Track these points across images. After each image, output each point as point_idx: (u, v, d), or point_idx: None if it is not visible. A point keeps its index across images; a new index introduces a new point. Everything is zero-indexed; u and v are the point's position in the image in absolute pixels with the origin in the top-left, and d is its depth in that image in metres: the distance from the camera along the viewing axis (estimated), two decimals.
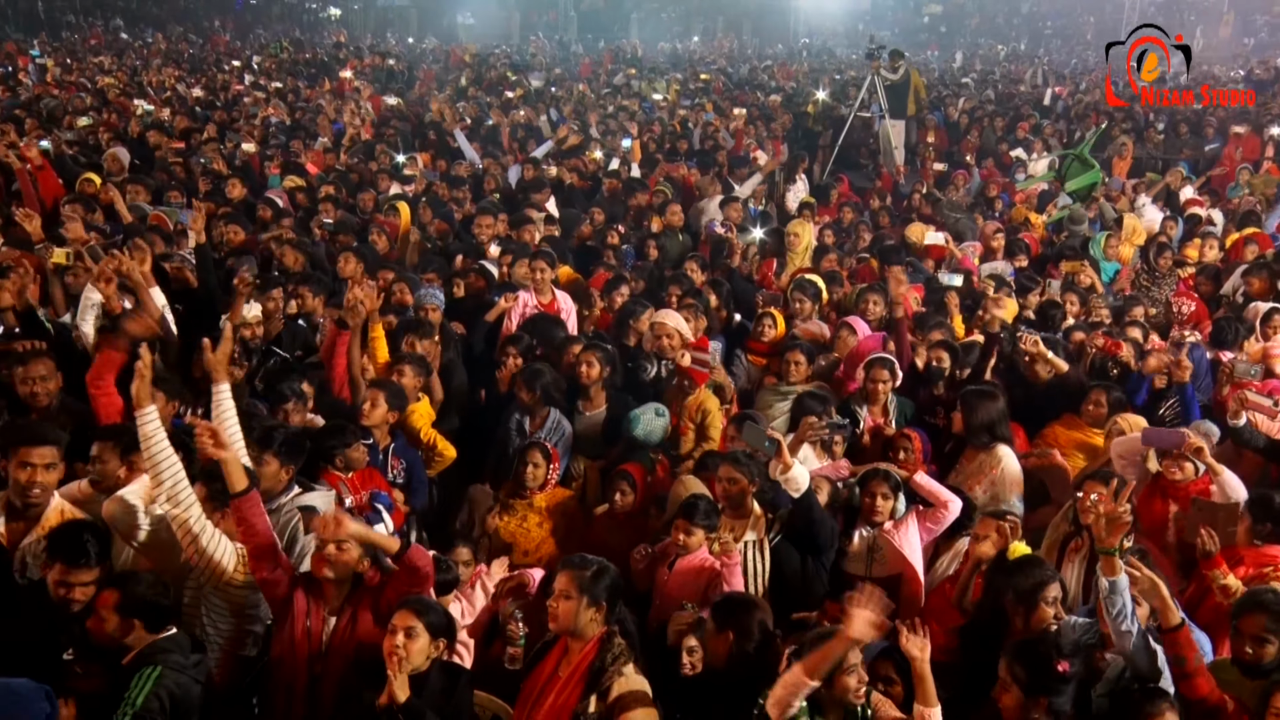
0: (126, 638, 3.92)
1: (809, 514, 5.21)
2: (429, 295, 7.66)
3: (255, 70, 25.36)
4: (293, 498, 5.05)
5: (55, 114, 16.60)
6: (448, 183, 11.78)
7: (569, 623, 4.02)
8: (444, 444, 6.26)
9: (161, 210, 9.74)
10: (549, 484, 5.93)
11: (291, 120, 17.00)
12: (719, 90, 23.53)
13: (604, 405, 6.69)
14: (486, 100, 20.44)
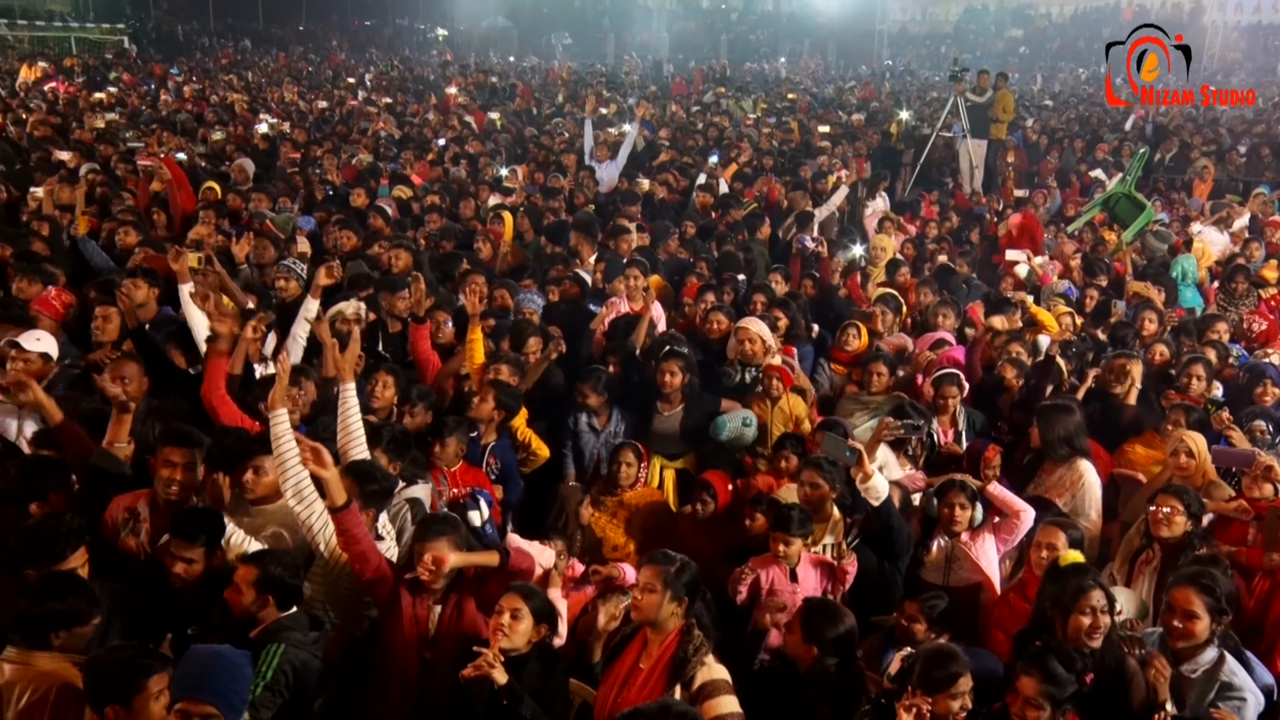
0: (260, 612, 4.01)
1: (887, 520, 5.23)
2: (528, 300, 7.71)
3: (368, 87, 25.86)
4: (399, 490, 5.11)
5: (189, 127, 17.14)
6: (543, 194, 11.84)
7: (651, 614, 4.01)
8: (538, 443, 6.29)
9: (274, 218, 9.96)
10: (639, 482, 5.92)
11: (400, 134, 17.28)
12: (804, 109, 23.33)
13: (681, 407, 6.65)
14: (582, 116, 20.54)
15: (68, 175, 11.35)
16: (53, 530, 4.03)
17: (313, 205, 11.19)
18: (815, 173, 14.08)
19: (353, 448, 4.87)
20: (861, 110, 22.86)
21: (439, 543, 4.20)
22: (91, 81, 25.14)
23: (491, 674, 3.77)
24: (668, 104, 22.88)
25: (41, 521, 4.13)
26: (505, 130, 17.95)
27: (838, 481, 5.35)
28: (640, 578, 4.10)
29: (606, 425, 6.58)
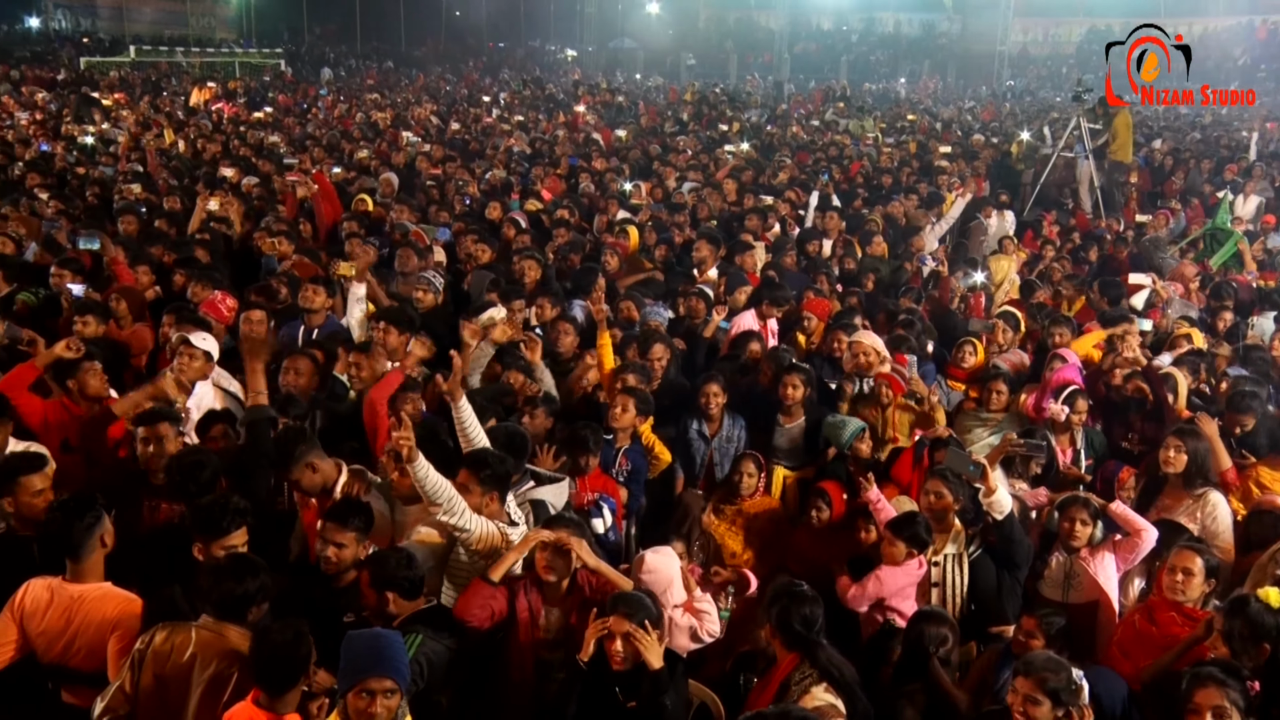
0: (387, 608, 4.12)
1: (1009, 534, 5.16)
2: (654, 312, 7.79)
3: (501, 105, 26.43)
4: (525, 491, 5.18)
5: (336, 144, 17.83)
6: (668, 209, 11.93)
7: (768, 644, 4.17)
8: (661, 448, 6.32)
9: (422, 228, 10.28)
10: (759, 492, 5.93)
11: (531, 149, 17.61)
12: (924, 129, 22.95)
13: (802, 418, 6.64)
14: (705, 134, 20.62)
15: (230, 189, 11.94)
16: (220, 508, 4.25)
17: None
18: (932, 192, 13.81)
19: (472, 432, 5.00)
20: (981, 131, 22.35)
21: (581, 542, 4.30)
22: (252, 102, 26.35)
23: (648, 657, 3.86)
24: (789, 124, 22.75)
25: (212, 499, 4.35)
26: (631, 147, 18.12)
27: (961, 494, 5.28)
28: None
29: (718, 431, 6.56)
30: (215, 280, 7.83)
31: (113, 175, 13.70)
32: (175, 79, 32.11)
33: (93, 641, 4.00)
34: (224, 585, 3.83)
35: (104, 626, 4.00)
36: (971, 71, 43.90)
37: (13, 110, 21.62)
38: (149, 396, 5.62)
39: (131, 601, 4.09)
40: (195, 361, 5.99)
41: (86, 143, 16.70)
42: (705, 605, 4.64)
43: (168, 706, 3.77)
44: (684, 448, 6.62)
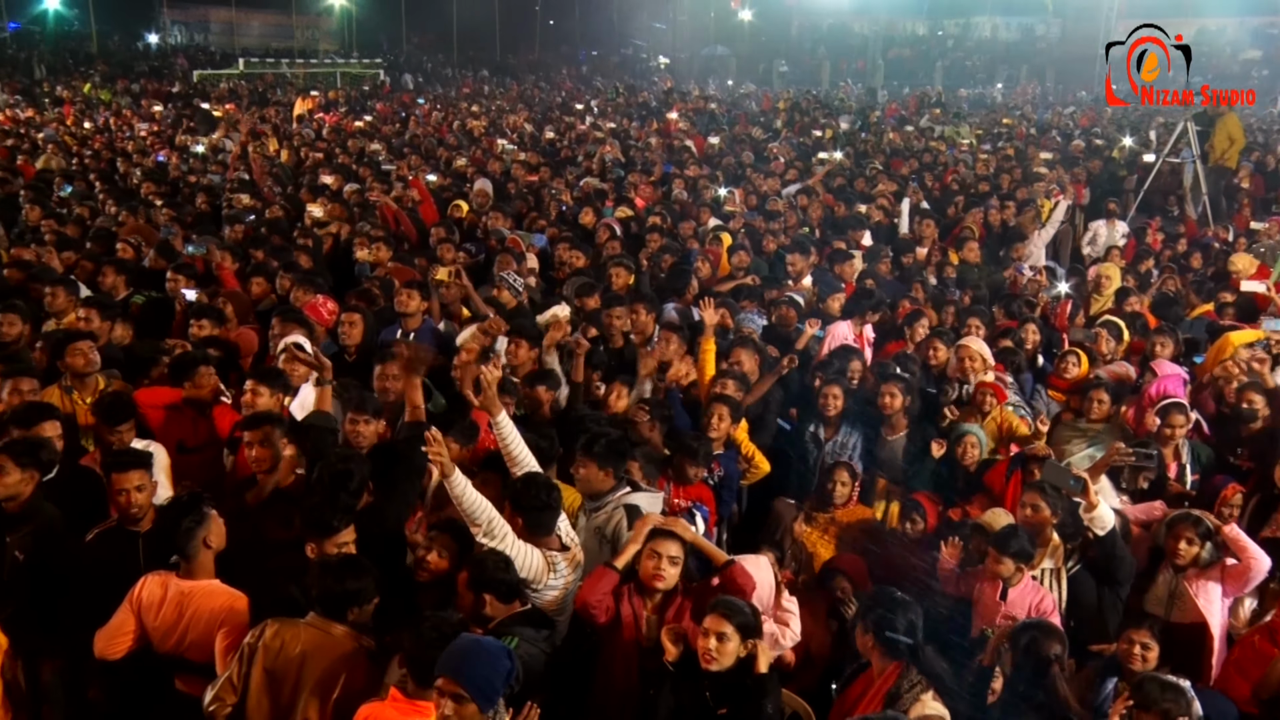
0: (484, 610, 4.17)
1: (1111, 549, 5.03)
2: (748, 319, 7.76)
3: (595, 113, 26.62)
4: (620, 496, 5.13)
5: (433, 151, 18.17)
6: (763, 216, 11.87)
7: (864, 653, 4.12)
8: (760, 458, 6.31)
9: (518, 234, 10.40)
10: (852, 500, 5.87)
11: (625, 157, 17.70)
12: (1021, 135, 22.43)
13: (904, 431, 6.55)
14: (798, 140, 20.48)
15: (332, 196, 12.26)
16: (329, 508, 4.36)
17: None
18: (1028, 198, 13.46)
19: (519, 472, 4.89)
20: (1082, 137, 21.75)
21: (668, 544, 4.30)
22: (352, 111, 27.03)
23: (757, 660, 3.87)
24: (884, 130, 22.45)
25: (321, 499, 4.46)
26: (724, 154, 18.08)
27: (1059, 507, 5.15)
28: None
29: (833, 437, 6.54)
30: (317, 285, 8.05)
31: (220, 183, 14.18)
32: (280, 90, 33.12)
33: (202, 635, 4.17)
34: (326, 582, 3.95)
35: (212, 621, 4.17)
36: (1071, 76, 42.74)
37: (132, 122, 22.54)
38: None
39: (237, 598, 4.24)
40: (301, 366, 6.16)
41: (198, 151, 17.33)
42: (790, 608, 4.61)
43: (278, 701, 3.90)
44: (798, 450, 6.59)
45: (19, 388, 5.71)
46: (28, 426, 5.08)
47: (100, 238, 9.99)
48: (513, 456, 4.59)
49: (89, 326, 6.89)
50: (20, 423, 5.12)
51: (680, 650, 4.05)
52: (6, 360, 6.14)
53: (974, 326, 7.80)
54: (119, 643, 4.22)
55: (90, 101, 27.36)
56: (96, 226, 10.68)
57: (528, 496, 4.57)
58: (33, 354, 6.69)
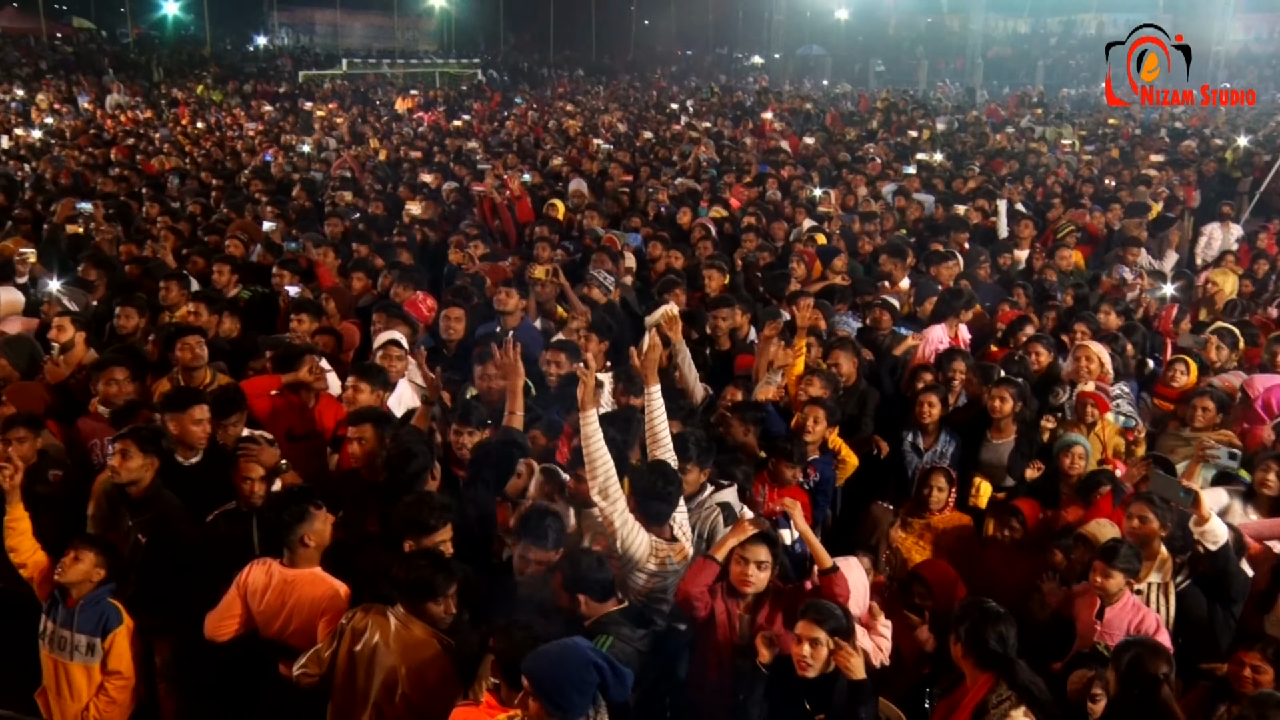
0: (579, 609, 4.19)
1: (1224, 565, 4.82)
2: (843, 321, 7.67)
3: (690, 113, 26.58)
4: (709, 495, 5.18)
5: (529, 150, 18.35)
6: (860, 218, 11.70)
7: (958, 663, 4.03)
8: (848, 451, 6.25)
9: (613, 233, 10.44)
10: (949, 506, 5.75)
11: (720, 157, 17.63)
12: (1127, 136, 21.68)
13: (1012, 436, 6.41)
14: (895, 141, 20.15)
15: (430, 194, 12.47)
16: (426, 506, 4.42)
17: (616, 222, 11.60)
18: (1135, 202, 12.99)
19: (658, 450, 4.91)
20: (1192, 137, 20.94)
21: (757, 549, 4.25)
22: (451, 110, 27.49)
23: (850, 666, 3.82)
24: (984, 131, 21.93)
25: (416, 498, 4.54)
26: (820, 154, 17.89)
27: (1168, 520, 4.97)
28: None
29: (933, 446, 6.44)
30: (416, 281, 8.20)
31: (322, 180, 14.56)
32: (381, 89, 33.85)
33: (305, 623, 4.29)
34: (407, 571, 4.01)
35: (314, 610, 4.29)
36: (1180, 74, 41.08)
37: (242, 122, 23.29)
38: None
39: (339, 588, 4.35)
40: (399, 361, 6.27)
41: (304, 150, 17.81)
42: (884, 631, 4.52)
43: (354, 683, 4.02)
44: (896, 459, 6.52)
45: (114, 377, 5.92)
46: (180, 409, 5.26)
47: (211, 234, 10.35)
48: (591, 456, 4.61)
49: (198, 320, 7.13)
50: (171, 406, 5.31)
51: (773, 654, 4.01)
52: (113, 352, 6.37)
53: (1081, 332, 7.59)
54: (227, 625, 4.38)
55: (203, 102, 28.34)
56: (208, 223, 11.07)
57: (645, 480, 4.63)
58: (146, 346, 6.95)
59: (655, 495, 4.60)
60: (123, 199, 12.22)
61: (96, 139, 19.16)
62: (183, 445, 5.30)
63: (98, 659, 4.45)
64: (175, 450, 5.28)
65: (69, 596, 4.46)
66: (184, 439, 5.28)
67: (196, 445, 5.30)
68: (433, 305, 7.74)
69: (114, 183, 13.41)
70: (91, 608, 4.43)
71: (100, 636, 4.42)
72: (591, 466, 4.55)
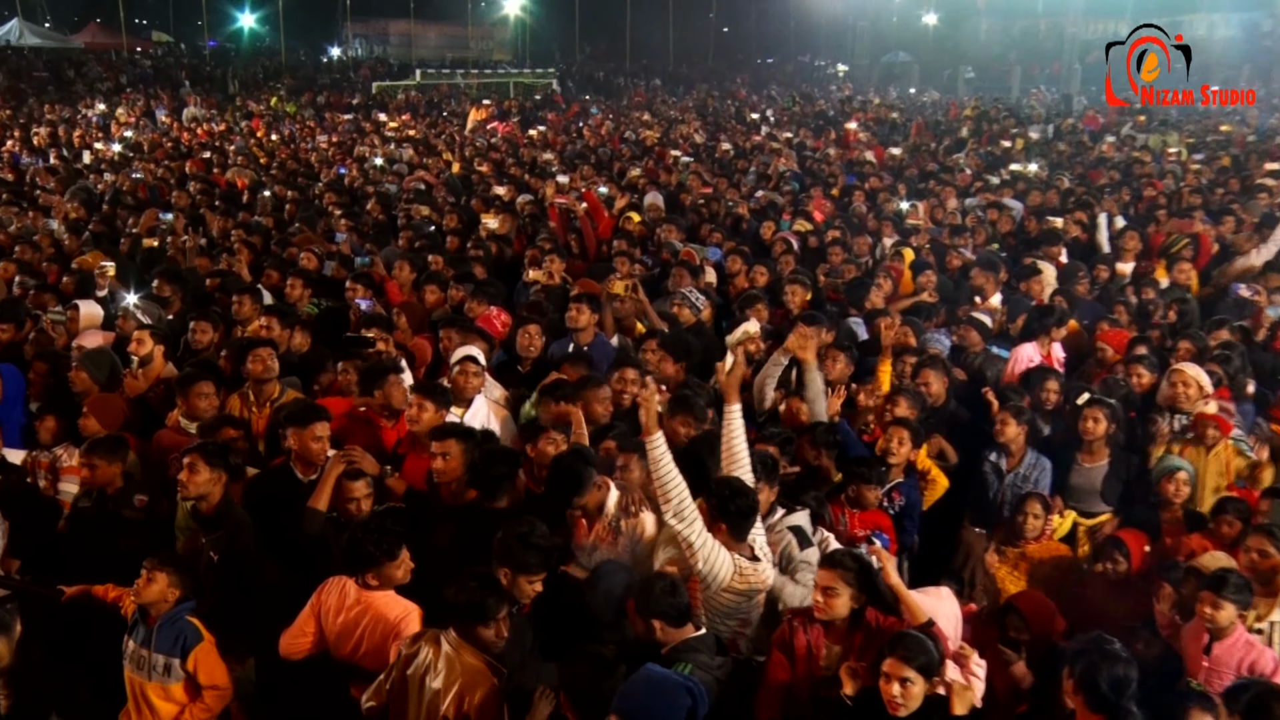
0: (654, 636, 4.17)
1: None
2: (934, 339, 7.57)
3: (771, 123, 26.55)
4: (780, 519, 5.12)
5: (605, 162, 18.49)
6: (949, 231, 11.55)
7: (1069, 701, 3.97)
8: (937, 472, 6.17)
9: (692, 247, 10.45)
10: (1045, 534, 5.62)
11: (802, 169, 17.57)
12: (1240, 143, 21.05)
13: (1105, 460, 6.26)
14: (985, 151, 19.86)
15: (503, 207, 12.63)
16: (523, 544, 4.35)
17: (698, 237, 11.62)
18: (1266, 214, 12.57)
19: (735, 468, 4.90)
20: None
21: (825, 573, 4.23)
22: (525, 121, 27.84)
23: (952, 701, 3.79)
24: (1081, 140, 21.51)
25: (518, 534, 4.41)
26: (907, 166, 17.72)
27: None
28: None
29: (1016, 467, 6.31)
30: (491, 296, 8.29)
31: (396, 193, 14.83)
32: (455, 100, 34.43)
33: (377, 645, 4.35)
34: (458, 593, 4.03)
35: (386, 632, 4.34)
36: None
37: (316, 134, 23.88)
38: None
39: (411, 610, 4.39)
40: (476, 378, 6.35)
41: (377, 163, 18.19)
42: (978, 671, 4.40)
43: (405, 709, 4.05)
44: (978, 481, 6.41)
45: (202, 391, 6.11)
46: (303, 423, 5.41)
47: (285, 247, 10.62)
48: (662, 480, 4.61)
49: (269, 334, 7.29)
50: (294, 421, 5.45)
51: (859, 686, 3.96)
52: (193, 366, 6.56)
53: (1185, 350, 7.38)
54: (299, 644, 4.46)
55: (277, 114, 29.13)
56: (282, 237, 11.36)
57: (721, 496, 4.61)
58: (219, 361, 7.14)
59: (733, 511, 4.58)
60: (199, 212, 12.60)
61: (173, 152, 19.81)
62: (302, 461, 5.43)
63: (175, 679, 4.52)
64: (294, 466, 5.42)
65: (149, 616, 4.56)
66: (304, 455, 5.41)
67: (315, 462, 5.42)
68: (507, 321, 7.82)
69: (189, 196, 13.82)
70: (169, 627, 4.52)
71: (178, 656, 4.50)
72: (663, 490, 4.56)
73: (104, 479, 5.43)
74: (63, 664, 5.27)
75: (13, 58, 36.62)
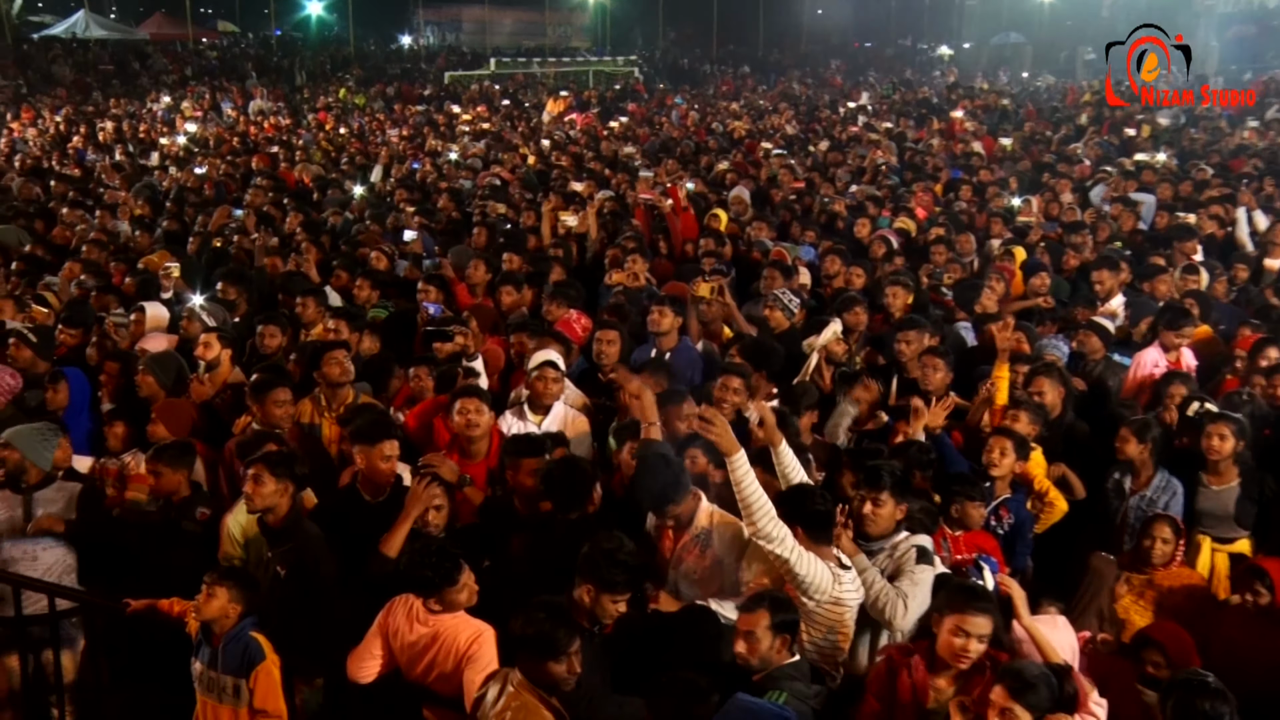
0: (776, 654, 4.15)
1: None
2: (1051, 345, 7.45)
3: (869, 112, 26.32)
4: (904, 539, 5.02)
5: (690, 156, 18.51)
6: (1064, 228, 11.34)
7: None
8: (1056, 494, 6.03)
9: (783, 246, 10.42)
10: (1175, 561, 5.48)
11: (901, 161, 17.39)
12: None
13: (1235, 481, 6.08)
14: (1106, 140, 19.44)
15: (581, 203, 12.72)
16: (610, 563, 4.34)
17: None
18: None
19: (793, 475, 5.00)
20: None
21: (980, 620, 4.15)
22: (605, 113, 28.02)
23: None
24: (1218, 125, 20.89)
25: (606, 551, 4.40)
26: (1019, 157, 17.42)
27: None
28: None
29: (1143, 489, 6.16)
30: (570, 298, 8.35)
31: (471, 189, 15.04)
32: (531, 90, 34.78)
33: (448, 668, 4.39)
34: (525, 625, 4.02)
35: (457, 655, 4.37)
36: None
37: (386, 127, 24.34)
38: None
39: (483, 631, 4.41)
40: (555, 384, 6.42)
41: (451, 158, 18.46)
42: (1098, 712, 4.31)
43: None
44: (1100, 502, 6.29)
45: (278, 399, 6.24)
46: (371, 442, 5.43)
47: (354, 246, 10.83)
48: (747, 501, 4.60)
49: (338, 338, 7.41)
50: (362, 438, 5.48)
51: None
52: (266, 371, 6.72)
53: None
54: (368, 666, 4.52)
55: (346, 107, 29.76)
56: (350, 236, 11.60)
57: (796, 502, 4.66)
58: (287, 365, 7.32)
59: (808, 513, 4.65)
60: (266, 209, 12.91)
61: (238, 148, 20.35)
62: (370, 483, 5.47)
63: (244, 702, 4.56)
64: (361, 489, 5.48)
65: (213, 635, 4.62)
66: (372, 476, 5.44)
67: (383, 483, 5.45)
68: (587, 325, 7.84)
69: (263, 193, 14.13)
70: (234, 645, 4.57)
71: (245, 676, 4.54)
72: (749, 512, 4.56)
73: (169, 487, 5.61)
74: (131, 680, 5.44)
75: (79, 51, 37.98)
